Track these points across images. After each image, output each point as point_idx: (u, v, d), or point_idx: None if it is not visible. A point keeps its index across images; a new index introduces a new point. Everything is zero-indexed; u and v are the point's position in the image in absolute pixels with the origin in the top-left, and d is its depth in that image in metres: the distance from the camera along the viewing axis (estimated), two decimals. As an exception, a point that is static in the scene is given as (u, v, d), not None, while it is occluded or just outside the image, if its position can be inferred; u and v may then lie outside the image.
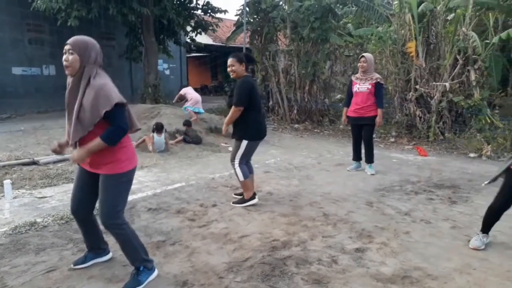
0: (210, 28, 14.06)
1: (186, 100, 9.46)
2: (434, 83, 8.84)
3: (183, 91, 9.71)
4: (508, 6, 8.75)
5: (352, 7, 11.85)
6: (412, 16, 9.12)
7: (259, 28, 11.93)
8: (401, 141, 8.86)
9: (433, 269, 2.96)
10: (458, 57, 8.69)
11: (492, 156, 7.31)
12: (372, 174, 5.82)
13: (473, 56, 8.60)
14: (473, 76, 8.55)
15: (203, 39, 16.87)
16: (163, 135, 7.11)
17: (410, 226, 3.85)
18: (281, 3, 11.80)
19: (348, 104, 5.93)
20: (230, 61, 4.18)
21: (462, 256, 3.20)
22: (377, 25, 11.77)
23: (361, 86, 5.71)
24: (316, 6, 10.30)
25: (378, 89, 5.64)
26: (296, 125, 11.11)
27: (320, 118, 11.55)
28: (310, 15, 10.42)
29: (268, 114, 12.12)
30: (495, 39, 8.65)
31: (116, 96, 2.42)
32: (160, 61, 16.52)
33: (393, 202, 4.58)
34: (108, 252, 3.03)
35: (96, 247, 2.95)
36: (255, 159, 6.85)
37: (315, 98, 11.63)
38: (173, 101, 10.46)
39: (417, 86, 8.97)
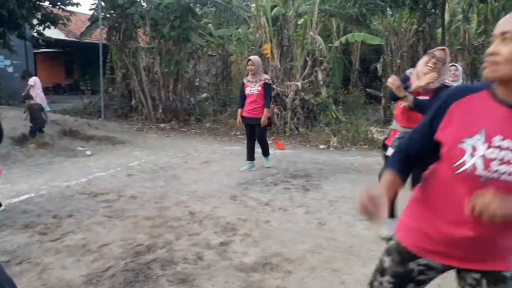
0: (61, 22, 12.78)
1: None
2: (288, 82, 9.62)
3: (32, 81, 8.53)
4: (346, 14, 10.00)
5: (211, 7, 12.11)
6: (267, 19, 9.76)
7: (116, 24, 11.31)
8: (263, 136, 9.42)
9: (290, 253, 3.23)
10: (307, 58, 9.62)
11: (338, 146, 8.30)
12: (269, 167, 6.19)
13: (320, 58, 9.62)
14: (320, 76, 9.57)
15: (54, 33, 15.24)
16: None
17: (270, 215, 4.13)
18: (139, -1, 11.39)
19: (242, 105, 6.03)
20: None
21: (314, 238, 3.56)
22: (237, 27, 12.28)
23: (252, 88, 5.86)
24: (176, 4, 10.23)
25: (266, 89, 5.82)
26: (162, 125, 10.89)
27: (186, 117, 11.53)
28: (169, 14, 10.30)
29: (131, 114, 11.63)
30: (336, 43, 9.82)
31: None
32: (0, 57, 14.42)
33: (255, 194, 4.85)
34: None
35: None
36: (117, 162, 6.55)
37: (180, 97, 11.57)
38: (23, 94, 8.85)
39: (274, 86, 9.64)
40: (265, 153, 6.24)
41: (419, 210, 1.45)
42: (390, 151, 3.31)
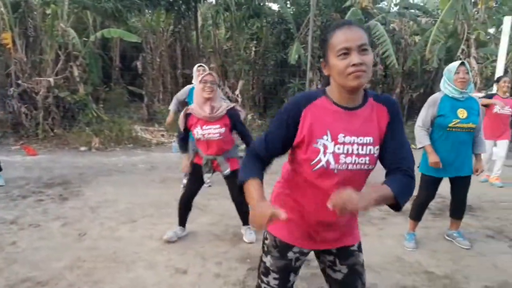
0: None
1: None
2: (37, 78, 8.49)
3: None
4: (102, 8, 9.49)
5: None
6: (5, 4, 8.30)
7: None
8: (7, 141, 8.02)
9: (43, 274, 2.87)
10: (59, 52, 8.71)
11: (100, 147, 7.90)
12: (1, 186, 5.00)
13: (74, 53, 8.87)
14: (76, 72, 8.82)
15: None
16: None
17: (17, 234, 3.56)
18: None
19: None
20: None
21: (73, 251, 3.27)
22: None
23: None
24: None
25: None
26: None
27: None
28: None
29: None
30: (92, 38, 9.26)
31: None
32: None
33: (-3, 212, 4.09)
34: None
35: None
36: None
37: None
38: None
39: (19, 81, 8.34)
40: None
41: (286, 203, 1.58)
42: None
